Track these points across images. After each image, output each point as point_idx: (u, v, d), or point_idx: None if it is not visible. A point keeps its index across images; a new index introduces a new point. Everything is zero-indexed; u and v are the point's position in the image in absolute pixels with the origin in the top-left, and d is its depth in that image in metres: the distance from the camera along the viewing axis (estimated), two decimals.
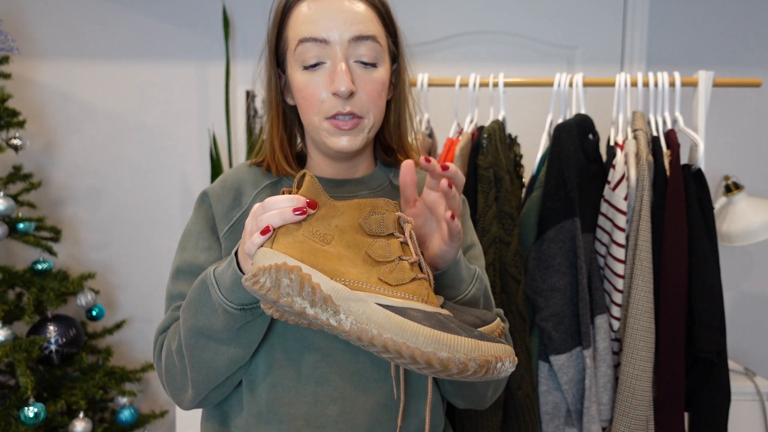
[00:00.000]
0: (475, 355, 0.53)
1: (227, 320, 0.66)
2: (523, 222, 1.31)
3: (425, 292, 0.60)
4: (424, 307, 0.58)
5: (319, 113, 0.73)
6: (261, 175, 0.83)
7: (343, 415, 0.72)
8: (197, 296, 0.68)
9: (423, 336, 0.53)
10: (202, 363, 0.70)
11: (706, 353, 1.27)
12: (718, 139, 2.09)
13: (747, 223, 1.75)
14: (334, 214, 0.63)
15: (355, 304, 0.56)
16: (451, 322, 0.57)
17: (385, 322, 0.54)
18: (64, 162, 2.01)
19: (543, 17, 2.08)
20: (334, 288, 0.57)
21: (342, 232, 0.62)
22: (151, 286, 2.07)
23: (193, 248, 0.78)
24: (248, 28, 2.03)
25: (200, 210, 0.81)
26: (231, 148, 1.99)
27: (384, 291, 0.58)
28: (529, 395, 1.25)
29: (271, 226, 0.60)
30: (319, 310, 0.56)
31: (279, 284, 0.56)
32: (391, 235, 0.63)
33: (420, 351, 0.53)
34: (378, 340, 0.54)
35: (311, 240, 0.60)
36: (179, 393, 0.75)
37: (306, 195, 0.63)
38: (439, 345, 0.53)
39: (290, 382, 0.73)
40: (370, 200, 0.64)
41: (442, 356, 0.52)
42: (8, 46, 1.65)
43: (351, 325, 0.55)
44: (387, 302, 0.57)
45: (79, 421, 1.62)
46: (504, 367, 0.54)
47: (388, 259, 0.61)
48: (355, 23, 0.72)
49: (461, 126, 1.49)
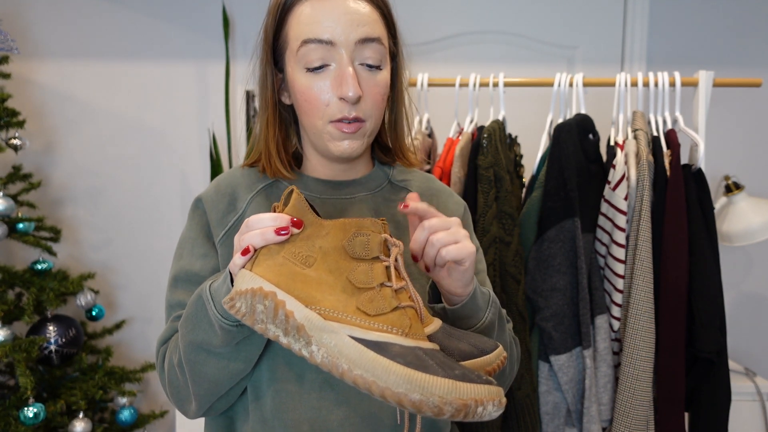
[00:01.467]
0: (451, 398, 0.48)
1: (225, 336, 0.65)
2: (523, 222, 1.31)
3: (408, 322, 0.56)
4: (403, 341, 0.53)
5: (324, 117, 0.72)
6: (255, 177, 0.81)
7: (347, 420, 0.72)
8: (194, 311, 0.67)
9: (395, 375, 0.49)
10: (203, 377, 0.69)
11: (706, 353, 1.27)
12: (718, 139, 2.09)
13: (747, 223, 1.75)
14: (319, 233, 0.60)
15: (328, 335, 0.53)
16: (432, 359, 0.52)
17: (356, 357, 0.51)
18: (64, 162, 2.01)
19: (543, 17, 2.08)
20: (307, 317, 0.54)
21: (325, 254, 0.59)
22: (151, 286, 2.06)
23: (189, 256, 0.77)
24: (248, 28, 2.03)
25: (194, 216, 0.79)
26: (231, 148, 1.99)
27: (360, 322, 0.54)
28: (529, 395, 1.25)
29: (252, 246, 0.59)
30: (291, 340, 0.53)
31: (254, 310, 0.55)
32: (376, 259, 0.59)
33: (390, 391, 0.49)
34: (348, 376, 0.50)
35: (292, 262, 0.58)
36: (184, 404, 0.75)
37: (292, 213, 0.60)
38: (411, 386, 0.48)
39: (294, 388, 0.72)
40: (356, 220, 0.60)
41: (413, 398, 0.48)
42: (8, 46, 1.65)
43: (322, 359, 0.52)
44: (361, 335, 0.53)
45: (78, 421, 1.61)
46: (486, 411, 0.50)
47: (368, 286, 0.57)
48: (361, 25, 0.70)
49: (461, 126, 1.48)
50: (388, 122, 0.83)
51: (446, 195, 0.88)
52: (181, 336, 0.70)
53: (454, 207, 0.87)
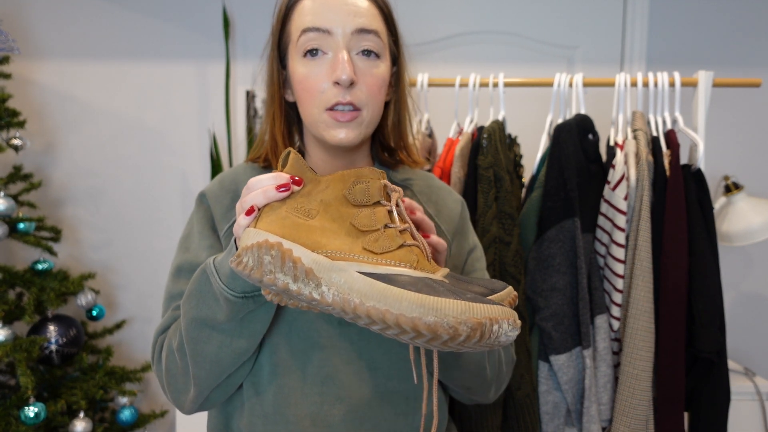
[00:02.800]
0: (465, 318, 0.48)
1: (230, 309, 0.65)
2: (523, 222, 1.31)
3: (414, 258, 0.57)
4: (412, 272, 0.54)
5: (319, 104, 0.74)
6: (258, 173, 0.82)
7: (349, 414, 0.72)
8: (198, 286, 0.67)
9: (407, 301, 0.49)
10: (206, 357, 0.69)
11: (706, 353, 1.27)
12: (718, 139, 2.09)
13: (747, 223, 1.75)
14: (318, 188, 0.61)
15: (336, 274, 0.53)
16: (441, 286, 0.53)
17: (366, 290, 0.51)
18: (64, 162, 2.01)
19: (543, 17, 2.08)
20: (314, 260, 0.54)
21: (327, 205, 0.60)
22: (151, 286, 2.07)
23: (195, 248, 0.78)
24: (248, 28, 2.03)
25: (199, 210, 0.81)
26: (231, 148, 1.99)
27: (368, 259, 0.55)
28: (529, 395, 1.25)
29: (255, 205, 0.60)
30: (301, 285, 0.54)
31: (261, 262, 0.55)
32: (377, 204, 0.61)
33: (405, 317, 0.49)
34: (361, 309, 0.51)
35: (294, 215, 0.59)
36: (180, 395, 0.74)
37: (291, 172, 0.61)
38: (424, 309, 0.49)
39: (296, 383, 0.72)
40: (354, 170, 0.62)
41: (428, 321, 0.48)
42: (8, 46, 1.65)
43: (333, 297, 0.52)
44: (370, 270, 0.54)
45: (79, 421, 1.62)
46: (502, 330, 0.49)
47: (373, 228, 0.58)
48: (359, 16, 0.73)
49: (461, 126, 1.49)
50: (392, 124, 0.84)
51: (445, 192, 0.90)
52: (183, 314, 0.70)
53: (453, 204, 0.89)
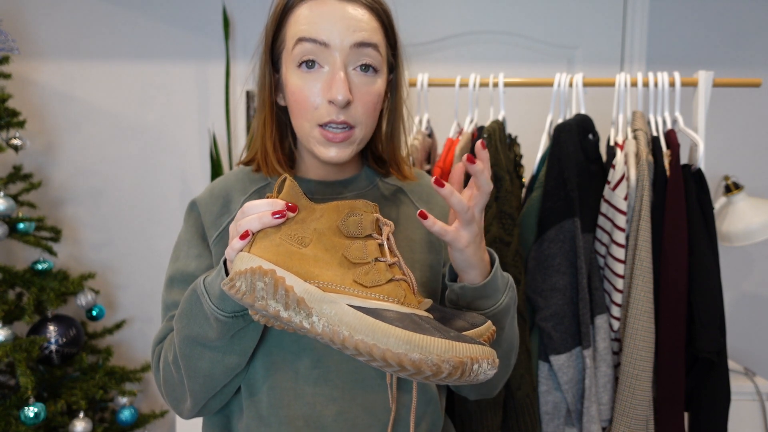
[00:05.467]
0: (448, 356, 0.51)
1: (220, 328, 0.66)
2: (523, 222, 1.31)
3: (402, 293, 0.59)
4: (399, 308, 0.57)
5: (312, 120, 0.72)
6: (249, 180, 0.82)
7: (342, 415, 0.73)
8: (189, 306, 0.68)
9: (394, 337, 0.52)
10: (198, 372, 0.70)
11: (706, 353, 1.27)
12: (718, 139, 2.09)
13: (747, 223, 1.75)
14: (313, 216, 0.62)
15: (327, 305, 0.55)
16: (427, 323, 0.55)
17: (356, 324, 0.53)
18: (64, 162, 2.01)
19: (543, 17, 2.08)
20: (306, 290, 0.56)
21: (320, 234, 0.61)
22: (151, 286, 2.07)
23: (184, 257, 0.79)
24: (248, 28, 2.03)
25: (189, 219, 0.81)
26: (231, 148, 1.99)
27: (358, 293, 0.57)
28: (529, 395, 1.25)
29: (250, 230, 0.60)
30: (292, 313, 0.55)
31: (254, 288, 0.56)
32: (369, 237, 0.62)
33: (391, 352, 0.51)
34: (349, 342, 0.53)
35: (288, 243, 0.60)
36: (178, 403, 0.76)
37: (286, 199, 0.62)
38: (410, 346, 0.51)
39: (289, 384, 0.73)
40: (348, 202, 0.63)
41: (413, 357, 0.51)
42: (8, 46, 1.65)
43: (323, 328, 0.54)
44: (359, 303, 0.56)
45: (79, 421, 1.62)
46: (482, 369, 0.52)
47: (364, 261, 0.60)
48: (358, 30, 0.70)
49: (461, 126, 1.49)
50: (385, 133, 0.83)
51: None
52: (176, 332, 0.70)
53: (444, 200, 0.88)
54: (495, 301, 0.72)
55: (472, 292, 0.71)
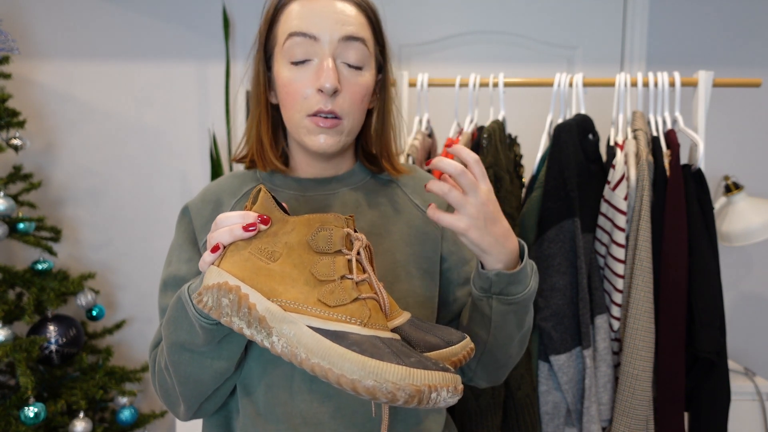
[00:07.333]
0: (404, 384, 0.49)
1: (205, 335, 0.66)
2: (523, 222, 1.31)
3: (367, 313, 0.57)
4: (361, 330, 0.55)
5: (302, 110, 0.74)
6: (240, 183, 0.83)
7: (339, 411, 0.73)
8: (175, 313, 0.68)
9: (349, 362, 0.51)
10: (188, 377, 0.71)
11: (706, 353, 1.27)
12: (718, 139, 2.09)
13: (747, 223, 1.75)
14: (284, 230, 0.61)
15: (287, 326, 0.54)
16: (389, 347, 0.53)
17: (313, 346, 0.52)
18: (64, 162, 2.01)
19: (543, 17, 2.08)
20: (268, 308, 0.55)
21: (290, 249, 0.60)
22: (151, 286, 2.07)
23: (176, 261, 0.80)
24: (248, 28, 2.03)
25: (181, 224, 0.82)
26: (231, 148, 1.99)
27: (320, 312, 0.55)
28: (529, 395, 1.25)
29: (221, 243, 0.60)
30: (254, 331, 0.55)
31: (220, 304, 0.56)
32: (338, 253, 0.61)
33: (345, 378, 0.50)
34: (306, 364, 0.52)
35: (257, 258, 0.59)
36: (174, 407, 0.77)
37: (259, 211, 0.61)
38: (365, 372, 0.50)
39: (285, 382, 0.73)
40: (320, 216, 0.61)
41: (367, 384, 0.50)
42: (8, 46, 1.65)
43: (282, 348, 0.54)
44: (320, 325, 0.54)
45: (79, 421, 1.62)
46: (441, 397, 0.51)
47: (330, 278, 0.58)
48: (346, 24, 0.73)
49: (461, 126, 1.49)
50: (375, 131, 0.84)
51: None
52: (164, 338, 0.71)
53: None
54: (526, 286, 0.73)
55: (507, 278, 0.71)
